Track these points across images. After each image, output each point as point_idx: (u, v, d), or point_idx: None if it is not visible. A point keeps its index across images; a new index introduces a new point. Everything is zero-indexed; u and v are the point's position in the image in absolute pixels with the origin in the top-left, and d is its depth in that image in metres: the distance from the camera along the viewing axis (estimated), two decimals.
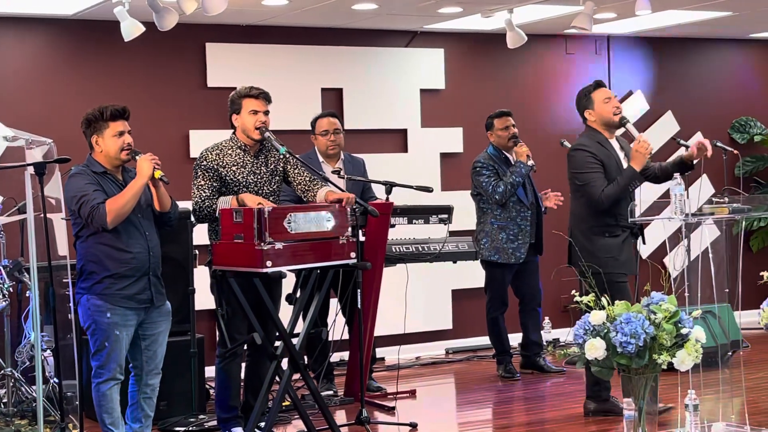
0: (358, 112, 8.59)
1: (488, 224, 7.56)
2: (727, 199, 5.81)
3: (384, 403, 6.86)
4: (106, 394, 5.18)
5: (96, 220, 5.05)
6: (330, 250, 5.57)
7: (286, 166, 5.93)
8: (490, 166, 7.53)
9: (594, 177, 6.09)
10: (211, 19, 7.47)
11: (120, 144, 5.18)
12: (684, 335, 5.01)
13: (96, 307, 5.14)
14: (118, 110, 5.20)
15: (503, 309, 7.68)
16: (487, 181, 7.48)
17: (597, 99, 6.22)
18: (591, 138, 6.22)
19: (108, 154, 5.20)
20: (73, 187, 5.15)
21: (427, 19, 8.31)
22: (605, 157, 6.13)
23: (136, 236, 5.20)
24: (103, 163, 5.22)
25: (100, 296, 5.14)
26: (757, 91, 10.37)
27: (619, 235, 6.07)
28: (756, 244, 10.09)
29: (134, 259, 5.17)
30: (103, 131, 5.19)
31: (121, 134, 5.19)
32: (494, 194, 7.45)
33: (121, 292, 5.15)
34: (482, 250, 7.57)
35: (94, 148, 5.23)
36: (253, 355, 5.90)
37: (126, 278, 5.16)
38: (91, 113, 5.21)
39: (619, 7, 8.00)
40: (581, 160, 6.15)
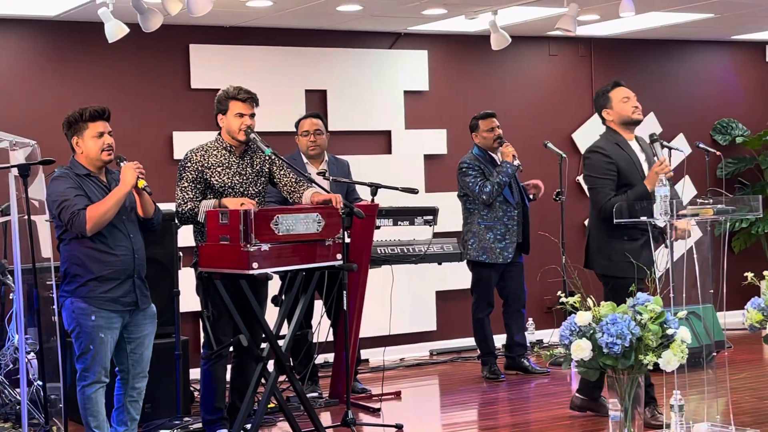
0: (342, 113, 8.59)
1: (475, 224, 7.57)
2: (710, 201, 5.83)
3: (369, 404, 6.86)
4: (91, 397, 5.15)
5: (76, 226, 5.02)
6: (316, 252, 5.57)
7: (272, 167, 5.92)
8: (476, 166, 7.54)
9: (603, 183, 5.96)
10: (195, 21, 7.45)
11: (100, 145, 5.16)
12: (670, 336, 5.04)
13: (80, 310, 5.11)
14: (97, 111, 5.18)
15: (489, 310, 7.69)
16: (473, 181, 7.50)
17: (615, 98, 6.11)
18: (609, 140, 6.09)
19: (89, 155, 5.18)
20: (55, 191, 5.12)
21: (411, 20, 8.31)
22: (622, 160, 5.99)
23: (121, 238, 5.18)
24: (85, 165, 5.20)
25: (84, 299, 5.11)
26: (738, 93, 10.43)
27: (638, 239, 5.87)
28: (738, 245, 10.14)
29: (119, 261, 5.15)
30: (83, 132, 5.16)
31: (101, 135, 5.17)
32: (481, 194, 7.46)
33: (106, 294, 5.13)
34: (469, 251, 7.58)
35: (75, 149, 5.21)
36: (239, 357, 5.89)
37: (110, 281, 5.13)
38: (71, 115, 5.20)
39: (602, 9, 8.03)
40: (596, 163, 6.02)
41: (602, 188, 5.97)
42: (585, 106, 9.62)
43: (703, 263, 5.80)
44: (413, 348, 8.83)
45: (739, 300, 6.25)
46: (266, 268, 5.32)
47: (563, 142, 9.27)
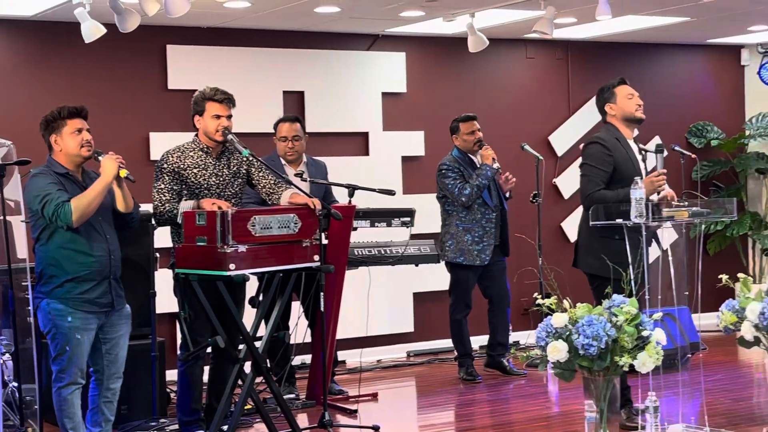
0: (319, 115, 8.59)
1: (453, 226, 7.59)
2: (686, 203, 5.86)
3: (346, 406, 6.87)
4: (67, 399, 5.14)
5: (61, 218, 5.01)
6: (293, 254, 5.57)
7: (250, 168, 5.92)
8: (456, 168, 7.56)
9: (596, 173, 5.91)
10: (172, 21, 7.43)
11: (79, 141, 5.17)
12: (645, 337, 5.06)
13: (57, 311, 5.10)
14: (75, 108, 5.21)
15: (467, 312, 7.71)
16: (453, 183, 7.52)
17: (620, 94, 6.11)
18: (610, 134, 6.07)
19: (68, 152, 5.18)
20: (36, 187, 5.11)
21: (389, 22, 8.32)
22: (620, 155, 5.97)
23: (97, 239, 5.17)
24: (63, 163, 5.19)
25: (60, 300, 5.10)
26: (714, 96, 10.49)
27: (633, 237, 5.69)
28: (713, 248, 10.20)
29: (95, 262, 5.14)
30: (61, 129, 5.17)
31: (79, 131, 5.18)
32: (460, 196, 7.48)
33: (82, 296, 5.12)
34: (447, 252, 7.60)
35: (54, 148, 5.21)
36: (217, 359, 5.88)
37: (87, 282, 5.13)
38: (49, 114, 5.21)
39: (579, 12, 8.06)
40: (594, 152, 5.97)
41: (594, 177, 5.91)
42: (562, 109, 9.67)
43: (678, 265, 5.83)
44: (390, 349, 8.84)
45: (714, 302, 6.29)
46: (243, 270, 5.32)
47: (540, 145, 9.30)
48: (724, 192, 10.24)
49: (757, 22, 9.06)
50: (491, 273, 7.69)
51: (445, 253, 7.62)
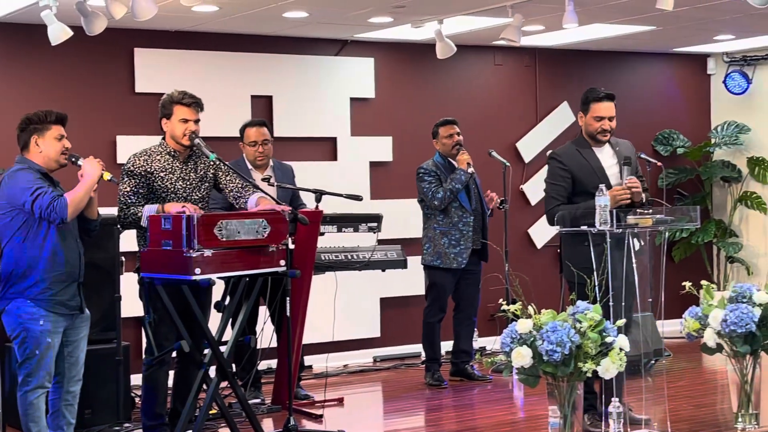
0: (287, 119, 8.59)
1: (431, 230, 7.64)
2: (650, 210, 5.91)
3: (312, 411, 6.86)
4: (33, 403, 5.12)
5: (57, 211, 5.02)
6: (259, 258, 5.56)
7: (217, 172, 5.90)
8: (433, 172, 7.60)
9: (553, 189, 6.02)
10: (140, 24, 7.41)
11: (60, 147, 5.23)
12: (608, 344, 5.10)
13: (29, 314, 5.09)
14: (61, 115, 5.28)
15: (441, 316, 7.72)
16: (428, 187, 7.56)
17: (592, 111, 6.09)
18: (573, 145, 6.15)
19: (47, 156, 5.20)
20: (24, 180, 5.12)
21: (358, 28, 8.34)
22: (579, 167, 6.02)
23: (71, 241, 5.21)
24: (40, 164, 5.21)
25: (34, 301, 5.10)
26: (680, 105, 10.58)
27: (601, 244, 5.77)
28: (678, 255, 10.28)
29: (68, 264, 5.17)
30: (44, 132, 5.20)
31: (61, 138, 5.24)
32: (433, 200, 7.53)
33: (55, 297, 5.13)
34: (425, 255, 7.66)
35: (32, 149, 5.21)
36: (182, 363, 5.86)
37: (60, 283, 5.15)
38: (34, 114, 5.24)
39: (547, 20, 8.11)
40: (550, 169, 6.10)
41: (551, 193, 6.03)
42: (529, 116, 9.71)
43: (643, 272, 5.88)
44: (357, 354, 8.84)
45: (678, 308, 6.34)
46: (209, 274, 5.31)
47: (507, 151, 9.34)
48: (689, 200, 10.32)
49: (723, 32, 9.15)
50: (466, 279, 7.71)
51: (423, 257, 7.66)
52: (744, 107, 10.37)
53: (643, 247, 6.03)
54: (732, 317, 5.76)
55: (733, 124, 10.35)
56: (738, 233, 10.42)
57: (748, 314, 5.75)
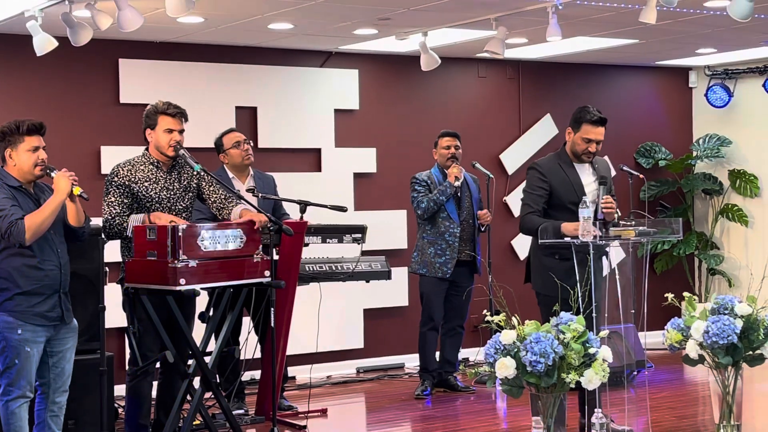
0: (272, 130, 8.60)
1: (420, 239, 7.71)
2: (633, 222, 5.95)
3: (295, 422, 6.86)
4: (15, 412, 5.10)
5: (14, 236, 4.98)
6: (243, 269, 5.57)
7: (201, 183, 5.92)
8: (424, 182, 7.66)
9: (530, 198, 6.10)
10: (125, 35, 7.41)
11: (34, 159, 5.14)
12: (591, 355, 5.12)
13: (6, 323, 5.07)
14: (35, 125, 5.16)
15: (431, 324, 7.73)
16: (415, 196, 7.63)
17: (582, 132, 6.13)
18: (555, 158, 6.23)
19: (21, 169, 5.15)
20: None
21: (343, 39, 8.36)
22: (558, 180, 6.09)
23: (49, 253, 5.15)
24: (16, 177, 5.16)
25: (10, 313, 5.07)
26: (662, 117, 10.65)
27: (570, 259, 5.81)
28: (660, 267, 10.33)
29: (46, 276, 5.12)
30: (17, 145, 5.13)
31: (35, 149, 5.15)
32: (417, 209, 7.62)
33: (32, 309, 5.09)
34: (413, 263, 7.74)
35: (7, 161, 5.17)
36: (166, 374, 5.86)
37: (37, 295, 5.10)
38: (7, 126, 5.16)
39: (530, 32, 8.16)
40: (530, 178, 6.21)
41: (527, 200, 6.13)
42: (513, 128, 9.76)
43: (625, 284, 5.91)
44: (340, 365, 8.84)
45: (661, 320, 6.38)
46: (193, 285, 5.32)
47: (491, 163, 9.38)
48: (671, 212, 10.38)
49: (705, 45, 9.22)
50: (455, 289, 7.73)
51: (411, 265, 7.77)
52: (725, 120, 10.45)
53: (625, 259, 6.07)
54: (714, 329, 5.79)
55: (714, 137, 10.42)
56: (719, 245, 10.48)
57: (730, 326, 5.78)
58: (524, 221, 6.07)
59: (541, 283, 6.06)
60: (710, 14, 7.57)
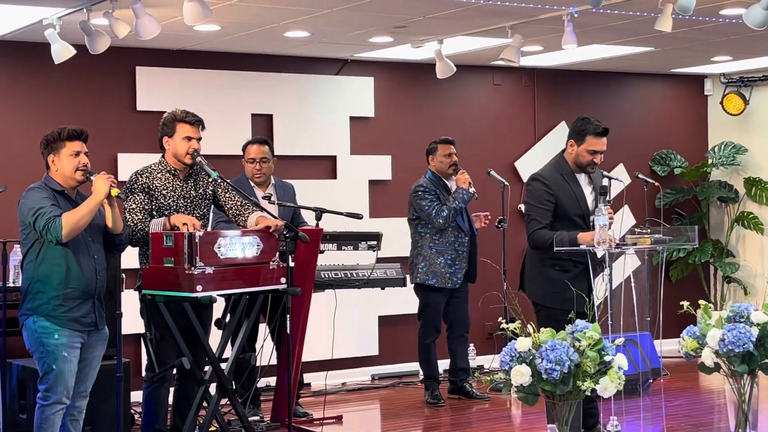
0: (287, 138, 8.63)
1: (426, 249, 7.64)
2: (648, 230, 5.94)
3: (310, 428, 6.87)
4: (49, 418, 5.15)
5: (51, 232, 5.05)
6: (260, 276, 5.59)
7: (217, 189, 5.94)
8: (432, 191, 7.63)
9: (538, 213, 5.96)
10: (142, 43, 7.46)
11: (75, 164, 5.24)
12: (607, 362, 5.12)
13: (43, 328, 5.12)
14: (75, 131, 5.29)
15: (436, 336, 7.74)
16: (429, 205, 7.57)
17: (587, 144, 6.02)
18: (556, 169, 6.10)
19: (63, 174, 5.24)
20: (31, 200, 5.16)
21: (358, 47, 8.39)
22: (563, 192, 6.01)
23: (86, 258, 5.22)
24: (60, 182, 5.25)
25: (48, 318, 5.12)
26: (677, 125, 10.63)
27: (570, 271, 5.85)
28: (675, 274, 10.31)
29: (82, 281, 5.18)
30: (59, 151, 5.24)
31: (77, 154, 5.26)
32: (438, 218, 7.53)
33: (68, 314, 5.15)
34: (419, 275, 7.65)
35: (50, 167, 5.26)
36: (182, 380, 5.88)
37: (73, 300, 5.17)
38: (50, 133, 5.28)
39: (545, 40, 8.17)
40: (535, 191, 6.03)
41: (535, 215, 5.97)
42: (527, 135, 9.76)
43: (640, 291, 5.90)
44: (355, 372, 8.85)
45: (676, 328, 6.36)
46: (210, 291, 5.34)
47: (506, 170, 9.39)
48: (686, 220, 10.36)
49: (721, 53, 9.21)
50: (455, 299, 7.74)
51: (416, 275, 7.66)
52: (741, 128, 10.43)
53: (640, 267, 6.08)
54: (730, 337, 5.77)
55: (730, 145, 10.40)
56: (735, 253, 10.46)
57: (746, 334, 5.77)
58: (535, 237, 5.91)
59: (542, 294, 5.99)
60: (726, 22, 7.57)
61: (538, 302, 6.05)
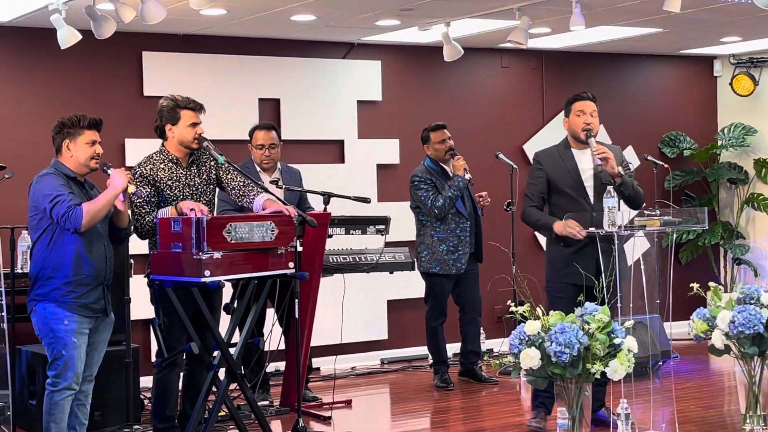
0: (295, 122, 8.61)
1: (428, 237, 7.63)
2: (658, 212, 5.92)
3: (320, 413, 6.88)
4: (58, 404, 5.17)
5: (72, 220, 5.06)
6: (268, 260, 5.58)
7: (219, 172, 5.91)
8: (428, 179, 7.60)
9: (529, 188, 6.17)
10: (148, 28, 7.44)
11: (91, 153, 5.27)
12: (617, 345, 5.11)
13: (53, 314, 5.14)
14: (95, 120, 5.32)
15: (443, 319, 7.74)
16: (425, 195, 7.55)
17: (573, 109, 6.17)
18: (555, 147, 6.27)
19: (78, 161, 5.25)
20: (47, 186, 5.16)
21: (365, 31, 8.36)
22: (555, 169, 6.10)
23: (98, 245, 5.26)
24: (71, 168, 5.26)
25: (58, 303, 5.14)
26: (687, 107, 10.59)
27: (571, 245, 5.92)
28: (685, 257, 10.28)
29: (94, 267, 5.21)
30: (76, 138, 5.25)
31: (93, 143, 5.28)
32: (433, 209, 7.52)
33: (79, 300, 5.17)
34: (422, 262, 7.65)
35: (63, 152, 5.27)
36: (191, 365, 5.88)
37: (84, 286, 5.19)
38: (68, 119, 5.28)
39: (553, 22, 8.13)
40: (530, 171, 6.29)
41: (527, 193, 6.20)
42: (536, 118, 9.73)
43: (650, 274, 5.89)
44: (364, 357, 8.85)
45: (686, 310, 6.35)
46: (218, 276, 5.33)
47: (514, 153, 9.36)
48: (696, 201, 10.33)
49: (729, 34, 9.15)
50: (464, 281, 7.73)
51: (420, 263, 7.67)
52: (750, 109, 10.37)
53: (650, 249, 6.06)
54: (740, 319, 5.77)
55: (739, 126, 10.35)
56: (745, 235, 10.42)
57: (756, 315, 5.76)
58: (523, 214, 6.18)
59: (547, 268, 6.20)
60: (735, 2, 7.51)
61: (546, 278, 6.19)
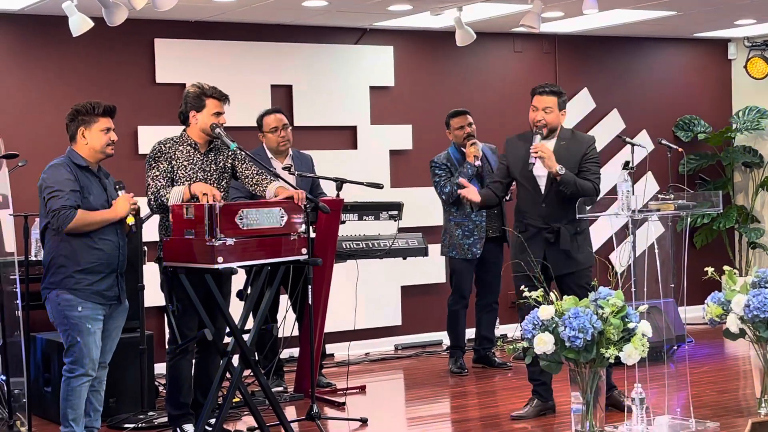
0: (307, 108, 8.60)
1: (447, 222, 7.69)
2: (672, 196, 5.91)
3: (334, 398, 6.89)
4: (75, 390, 5.18)
5: (59, 219, 5.09)
6: (281, 247, 5.58)
7: (233, 161, 5.92)
8: (444, 165, 7.60)
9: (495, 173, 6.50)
10: (160, 15, 7.43)
11: (106, 140, 5.28)
12: (631, 330, 5.10)
13: (66, 301, 5.16)
14: (110, 107, 5.34)
15: (463, 302, 7.73)
16: (437, 181, 7.58)
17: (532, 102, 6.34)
18: (523, 135, 6.41)
19: (93, 148, 5.26)
20: (54, 177, 5.18)
21: (377, 16, 8.34)
22: (511, 154, 6.35)
23: (110, 233, 5.26)
24: (85, 156, 5.27)
25: (71, 291, 5.16)
26: (701, 90, 10.53)
27: (524, 232, 6.17)
28: (699, 241, 10.24)
29: (106, 254, 5.22)
30: (91, 125, 5.26)
31: (108, 130, 5.30)
32: (441, 194, 7.57)
33: (91, 287, 5.18)
34: (444, 248, 7.74)
35: (78, 140, 5.27)
36: (203, 352, 5.89)
37: (96, 273, 5.20)
38: (82, 106, 5.29)
39: (566, 6, 8.09)
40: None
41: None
42: None
43: (664, 258, 5.88)
44: (378, 342, 8.86)
45: (700, 294, 6.33)
46: (231, 263, 5.33)
47: None
48: (710, 185, 10.28)
49: (744, 16, 9.10)
50: (483, 266, 7.73)
51: (443, 248, 7.76)
52: (765, 92, 10.31)
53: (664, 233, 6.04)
54: (755, 302, 5.75)
55: (754, 109, 10.30)
56: (760, 219, 10.37)
57: None
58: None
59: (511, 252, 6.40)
60: None
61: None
